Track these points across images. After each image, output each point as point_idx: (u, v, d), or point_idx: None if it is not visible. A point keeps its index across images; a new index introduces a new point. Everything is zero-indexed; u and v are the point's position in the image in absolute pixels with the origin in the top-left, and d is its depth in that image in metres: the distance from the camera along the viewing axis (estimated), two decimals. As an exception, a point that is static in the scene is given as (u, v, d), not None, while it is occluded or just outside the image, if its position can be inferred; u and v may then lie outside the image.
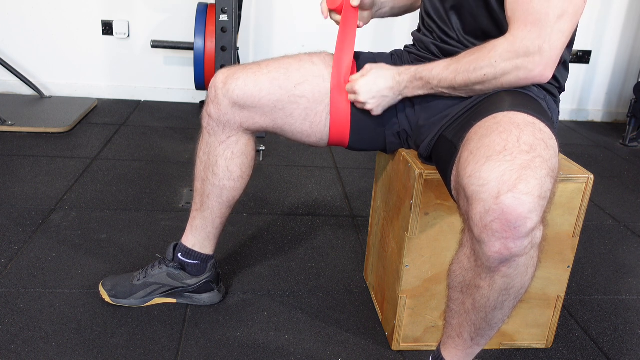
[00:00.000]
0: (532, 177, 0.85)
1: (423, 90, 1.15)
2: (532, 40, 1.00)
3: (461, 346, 1.07)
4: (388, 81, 1.16)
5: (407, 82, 1.15)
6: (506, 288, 0.94)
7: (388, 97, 1.17)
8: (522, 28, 1.01)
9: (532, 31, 1.00)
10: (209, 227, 1.37)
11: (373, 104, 1.17)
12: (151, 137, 2.62)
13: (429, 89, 1.14)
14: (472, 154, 0.91)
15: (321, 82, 1.22)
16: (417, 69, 1.14)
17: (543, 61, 1.01)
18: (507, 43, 1.02)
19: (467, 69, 1.06)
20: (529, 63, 1.01)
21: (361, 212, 2.02)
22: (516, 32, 1.01)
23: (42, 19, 2.99)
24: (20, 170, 2.15)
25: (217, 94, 1.22)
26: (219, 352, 1.29)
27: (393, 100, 1.18)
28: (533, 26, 0.99)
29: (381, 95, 1.16)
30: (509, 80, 1.04)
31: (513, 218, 0.84)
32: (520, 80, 1.04)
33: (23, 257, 1.58)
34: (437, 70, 1.11)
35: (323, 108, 1.22)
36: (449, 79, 1.09)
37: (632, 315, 1.54)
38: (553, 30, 0.99)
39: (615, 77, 3.44)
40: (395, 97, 1.18)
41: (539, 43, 1.00)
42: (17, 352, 1.23)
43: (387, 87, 1.16)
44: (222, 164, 1.28)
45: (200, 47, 2.56)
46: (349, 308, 1.48)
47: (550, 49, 1.00)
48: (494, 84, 1.06)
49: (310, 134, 1.24)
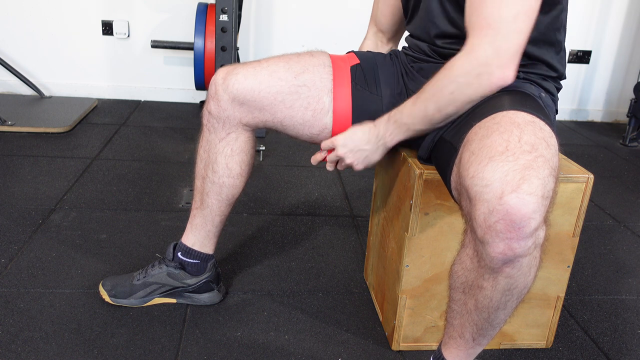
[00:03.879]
0: (535, 177, 0.85)
1: (402, 134, 1.13)
2: (488, 44, 0.99)
3: (463, 346, 1.07)
4: (365, 134, 1.16)
5: (383, 131, 1.15)
6: (509, 288, 0.94)
7: (367, 151, 1.17)
8: (478, 34, 1.00)
9: (487, 34, 0.98)
10: (208, 226, 1.37)
11: (352, 157, 1.18)
12: (151, 137, 2.62)
13: (406, 130, 1.13)
14: (474, 155, 0.91)
15: (322, 69, 1.23)
16: (389, 115, 1.14)
17: (501, 63, 0.99)
18: (464, 54, 1.02)
19: (434, 93, 1.06)
20: (488, 68, 1.00)
21: (361, 212, 2.02)
22: (472, 39, 1.01)
23: (42, 19, 2.99)
24: (20, 170, 2.15)
25: (217, 90, 1.22)
26: (219, 352, 1.29)
27: (374, 154, 1.17)
28: (488, 29, 0.98)
29: (358, 149, 1.17)
30: (475, 90, 1.02)
31: (517, 218, 0.83)
32: (485, 86, 1.02)
33: (23, 257, 1.58)
34: (407, 109, 1.11)
35: (326, 94, 1.22)
36: (421, 111, 1.08)
37: (632, 315, 1.54)
38: (509, 31, 0.98)
39: (615, 77, 3.44)
40: (376, 149, 1.17)
41: (495, 46, 0.98)
42: (17, 352, 1.23)
43: (364, 140, 1.16)
44: (222, 161, 1.28)
45: (200, 47, 2.56)
46: (349, 308, 1.48)
47: (508, 49, 0.99)
48: (462, 99, 1.04)
49: (313, 124, 1.23)
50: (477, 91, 1.03)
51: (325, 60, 1.25)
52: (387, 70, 1.26)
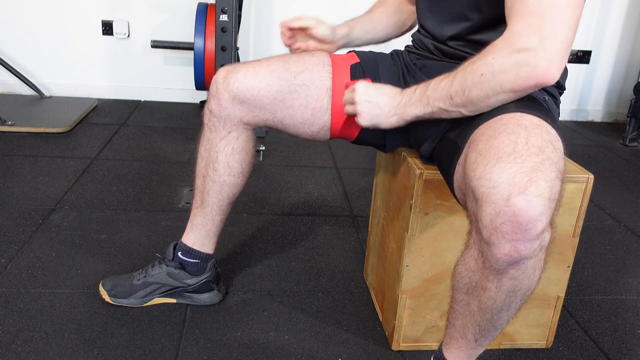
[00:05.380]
0: (542, 179, 0.85)
1: (421, 107, 1.05)
2: (532, 32, 0.90)
3: (464, 347, 1.07)
4: (389, 95, 1.10)
5: (406, 100, 1.08)
6: (513, 290, 0.94)
7: (382, 110, 1.10)
8: (521, 20, 0.91)
9: (532, 23, 0.90)
10: (209, 225, 1.37)
11: (364, 108, 1.10)
12: (151, 137, 2.62)
13: (426, 105, 1.05)
14: (481, 155, 0.90)
15: (321, 68, 1.23)
16: (417, 85, 1.08)
17: (547, 55, 0.90)
18: (504, 38, 0.94)
19: (465, 71, 0.98)
20: (531, 58, 0.90)
21: (361, 212, 2.02)
22: (514, 25, 0.92)
23: (42, 19, 2.99)
24: (20, 170, 2.15)
25: (217, 89, 1.23)
26: (219, 352, 1.29)
27: (386, 118, 1.10)
28: (533, 17, 0.90)
29: (376, 104, 1.10)
30: (509, 79, 0.93)
31: (524, 220, 0.83)
32: (522, 79, 0.92)
33: (23, 257, 1.58)
34: (434, 82, 1.04)
35: (325, 92, 1.22)
36: (446, 87, 1.01)
37: (632, 315, 1.54)
38: (556, 21, 0.89)
39: (615, 77, 3.44)
40: (390, 115, 1.09)
41: (540, 35, 0.89)
42: (17, 352, 1.23)
43: (385, 101, 1.09)
44: (223, 160, 1.28)
45: (200, 47, 2.56)
46: (349, 308, 1.48)
47: (555, 42, 0.90)
48: (492, 85, 0.95)
49: (313, 122, 1.23)
50: (511, 82, 0.94)
51: (325, 59, 1.25)
52: (388, 69, 1.26)
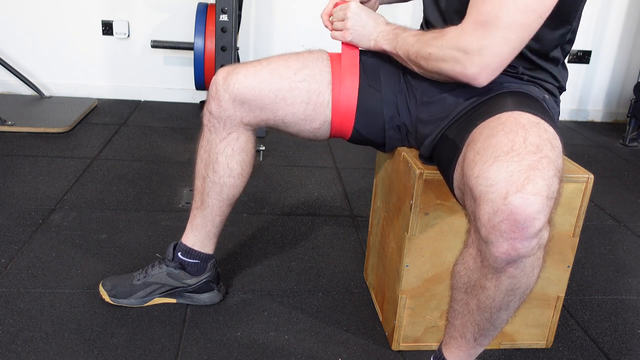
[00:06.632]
0: (539, 177, 0.85)
1: (389, 45, 1.17)
2: (475, 39, 0.99)
3: (464, 346, 1.07)
4: (374, 21, 1.20)
5: (384, 32, 1.18)
6: (512, 289, 0.94)
7: (365, 31, 1.20)
8: (471, 24, 1.00)
9: (477, 30, 0.99)
10: (209, 226, 1.37)
11: (352, 24, 1.19)
12: (151, 137, 2.62)
13: (393, 47, 1.16)
14: (479, 154, 0.91)
15: (321, 62, 1.23)
16: (397, 25, 1.19)
17: (480, 63, 1.00)
18: (455, 32, 1.03)
19: (425, 41, 1.09)
20: (466, 60, 1.01)
21: (361, 212, 2.02)
22: (466, 24, 1.01)
23: (42, 19, 2.99)
24: (20, 170, 2.15)
25: (217, 90, 1.23)
26: (219, 352, 1.29)
27: (365, 40, 1.20)
28: (480, 26, 0.99)
29: (363, 25, 1.20)
30: (445, 68, 1.04)
31: (522, 218, 0.83)
32: (454, 72, 1.04)
33: (23, 257, 1.58)
34: (407, 32, 1.14)
35: (326, 87, 1.22)
36: (410, 43, 1.11)
37: (632, 315, 1.54)
38: (499, 38, 0.98)
39: (615, 77, 3.44)
40: (368, 40, 1.20)
41: (480, 44, 0.99)
42: (17, 352, 1.23)
43: (371, 25, 1.19)
44: (223, 161, 1.28)
45: (200, 47, 2.56)
46: (349, 308, 1.48)
47: (491, 54, 0.99)
48: (433, 65, 1.07)
49: (315, 118, 1.23)
50: (447, 71, 1.05)
51: (323, 55, 1.26)
52: (389, 69, 1.26)
